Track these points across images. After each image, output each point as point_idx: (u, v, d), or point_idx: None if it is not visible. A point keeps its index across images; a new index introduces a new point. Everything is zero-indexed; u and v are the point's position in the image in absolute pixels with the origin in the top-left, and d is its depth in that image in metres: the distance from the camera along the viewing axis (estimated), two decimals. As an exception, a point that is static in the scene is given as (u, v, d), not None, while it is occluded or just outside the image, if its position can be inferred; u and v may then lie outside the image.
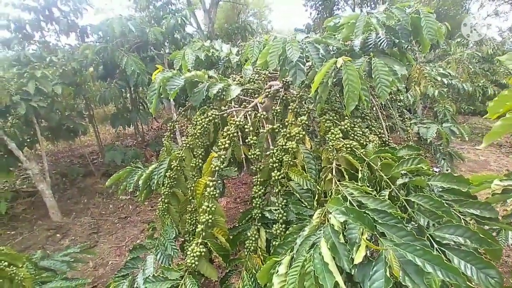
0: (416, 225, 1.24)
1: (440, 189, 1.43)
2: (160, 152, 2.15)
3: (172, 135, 2.17)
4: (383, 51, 1.74)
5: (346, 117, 1.59)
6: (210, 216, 1.50)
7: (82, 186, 5.14)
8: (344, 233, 1.06)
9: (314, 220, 1.19)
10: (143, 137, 6.90)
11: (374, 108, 2.04)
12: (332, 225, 1.06)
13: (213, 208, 1.51)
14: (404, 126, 2.84)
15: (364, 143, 1.52)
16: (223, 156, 1.58)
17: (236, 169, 2.19)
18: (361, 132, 1.53)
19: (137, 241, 3.66)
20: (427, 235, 1.16)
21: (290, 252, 1.23)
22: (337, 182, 1.33)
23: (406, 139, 2.89)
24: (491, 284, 0.96)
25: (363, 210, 1.07)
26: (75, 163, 6.10)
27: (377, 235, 1.04)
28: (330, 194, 1.35)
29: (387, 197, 1.28)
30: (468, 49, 8.96)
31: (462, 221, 1.26)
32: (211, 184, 1.53)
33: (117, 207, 4.52)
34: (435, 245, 1.09)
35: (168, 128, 2.13)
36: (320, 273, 0.93)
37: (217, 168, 1.55)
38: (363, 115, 1.87)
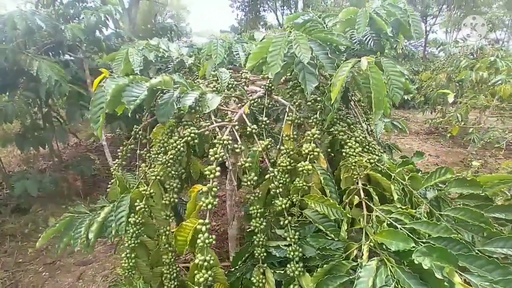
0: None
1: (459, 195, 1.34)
2: (109, 185, 1.63)
3: (123, 162, 1.66)
4: (370, 50, 1.59)
5: (353, 126, 1.38)
6: (210, 273, 1.11)
7: (-17, 230, 3.94)
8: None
9: (370, 262, 0.93)
10: (60, 158, 5.73)
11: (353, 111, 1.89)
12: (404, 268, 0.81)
13: (211, 261, 1.12)
14: (365, 126, 2.82)
15: (379, 154, 1.32)
16: (214, 189, 1.20)
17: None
18: (375, 143, 1.33)
19: (74, 293, 2.90)
20: (476, 251, 1.02)
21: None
22: (373, 207, 1.09)
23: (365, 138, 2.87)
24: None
25: (440, 245, 0.85)
26: (-33, 201, 4.69)
27: (458, 271, 0.83)
28: (362, 222, 1.11)
29: (425, 215, 1.11)
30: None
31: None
32: (204, 229, 1.14)
33: (39, 250, 3.54)
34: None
35: (119, 154, 1.62)
36: None
37: (210, 207, 1.16)
38: (346, 117, 1.69)
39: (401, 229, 0.98)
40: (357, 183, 1.17)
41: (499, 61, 4.76)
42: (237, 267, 1.39)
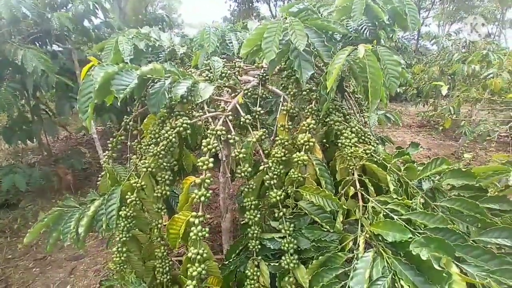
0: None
1: (452, 187, 1.34)
2: (99, 179, 1.58)
3: (113, 154, 1.61)
4: (366, 39, 1.57)
5: (348, 116, 1.35)
6: (203, 266, 1.08)
7: (-30, 226, 3.85)
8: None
9: (366, 254, 0.91)
10: (50, 151, 5.61)
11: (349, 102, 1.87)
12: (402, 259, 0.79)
13: (205, 254, 1.10)
14: (359, 117, 2.81)
15: (374, 145, 1.31)
16: (207, 180, 1.16)
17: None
18: (370, 133, 1.31)
19: (66, 288, 2.86)
20: (470, 241, 1.02)
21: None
22: (369, 198, 1.07)
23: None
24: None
25: (436, 236, 0.83)
26: (-47, 196, 4.57)
27: (455, 262, 0.82)
28: (357, 213, 1.09)
29: (420, 206, 1.09)
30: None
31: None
32: (197, 221, 1.11)
33: (28, 246, 3.48)
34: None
35: (109, 145, 1.57)
36: None
37: (203, 199, 1.13)
38: (341, 107, 1.67)
39: (397, 220, 0.97)
40: (353, 174, 1.15)
41: (491, 54, 4.78)
42: (231, 260, 1.37)
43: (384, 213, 1.01)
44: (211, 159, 1.19)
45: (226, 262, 1.37)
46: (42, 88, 3.84)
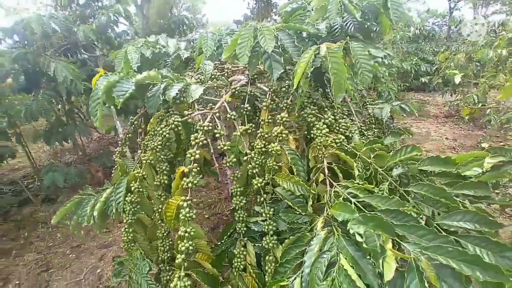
0: (421, 216, 1.15)
1: (430, 174, 1.39)
2: (113, 171, 1.81)
3: (125, 149, 1.84)
4: (351, 36, 1.64)
5: (326, 109, 1.45)
6: (190, 243, 1.26)
7: (19, 218, 4.37)
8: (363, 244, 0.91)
9: (321, 232, 1.03)
10: (84, 151, 6.15)
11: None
12: (347, 236, 0.90)
13: (192, 233, 1.27)
14: (360, 109, 2.85)
15: (350, 135, 1.40)
16: (195, 169, 1.33)
17: (201, 176, 1.95)
18: (345, 124, 1.40)
19: (97, 272, 3.21)
20: (434, 224, 1.09)
21: (295, 270, 1.07)
22: (333, 183, 1.18)
23: (368, 122, 2.91)
24: (511, 267, 0.90)
25: (380, 215, 0.94)
26: (5, 192, 5.19)
27: (397, 239, 0.91)
28: (326, 197, 1.21)
29: (387, 191, 1.18)
30: (396, 31, 9.62)
31: (460, 204, 1.23)
32: (185, 204, 1.29)
33: (66, 235, 3.92)
34: (451, 236, 1.00)
35: (119, 141, 1.80)
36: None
37: (190, 185, 1.30)
38: (332, 104, 1.76)
39: (354, 203, 1.07)
40: (323, 161, 1.26)
41: (519, 37, 4.49)
42: (223, 241, 1.53)
43: (345, 197, 1.11)
44: (198, 151, 1.36)
45: (219, 243, 1.54)
46: (74, 94, 4.24)
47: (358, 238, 0.88)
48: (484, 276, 0.78)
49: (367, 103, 2.83)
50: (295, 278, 0.98)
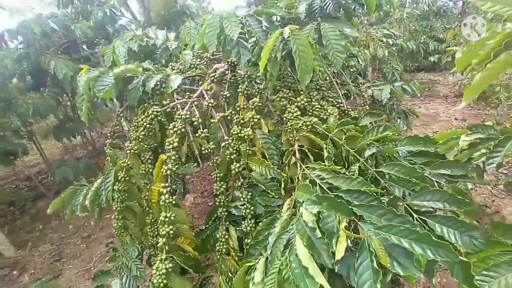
0: (391, 197, 1.16)
1: (408, 154, 1.38)
2: (105, 162, 1.88)
3: (115, 140, 1.90)
4: (330, 16, 1.62)
5: (302, 92, 1.46)
6: (171, 227, 1.32)
7: (34, 211, 4.62)
8: (319, 224, 0.94)
9: (284, 213, 1.06)
10: (94, 146, 6.35)
11: (328, 77, 1.93)
12: (304, 219, 0.93)
13: (172, 218, 1.33)
14: (359, 91, 2.80)
15: (325, 117, 1.41)
16: (173, 157, 1.38)
17: (195, 164, 2.00)
18: (319, 106, 1.41)
19: (105, 260, 3.37)
20: (404, 205, 1.09)
21: (264, 252, 1.11)
22: (302, 166, 1.20)
23: (362, 103, 2.87)
24: (476, 246, 0.91)
25: (335, 195, 0.96)
26: (21, 188, 5.47)
27: (355, 219, 0.93)
28: (296, 179, 1.23)
29: (357, 172, 1.19)
30: (406, 8, 9.27)
31: (436, 184, 1.22)
32: (165, 191, 1.34)
33: (77, 227, 4.12)
34: (415, 215, 1.01)
35: (109, 134, 1.87)
36: (300, 281, 0.81)
37: (169, 172, 1.35)
38: (318, 86, 1.75)
39: (319, 184, 1.09)
40: (293, 144, 1.28)
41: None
42: (207, 226, 1.59)
43: (311, 179, 1.13)
44: (176, 139, 1.40)
45: (203, 228, 1.60)
46: (76, 90, 4.35)
47: (306, 218, 0.91)
48: (434, 255, 0.79)
49: (361, 83, 2.78)
50: (260, 259, 1.02)
